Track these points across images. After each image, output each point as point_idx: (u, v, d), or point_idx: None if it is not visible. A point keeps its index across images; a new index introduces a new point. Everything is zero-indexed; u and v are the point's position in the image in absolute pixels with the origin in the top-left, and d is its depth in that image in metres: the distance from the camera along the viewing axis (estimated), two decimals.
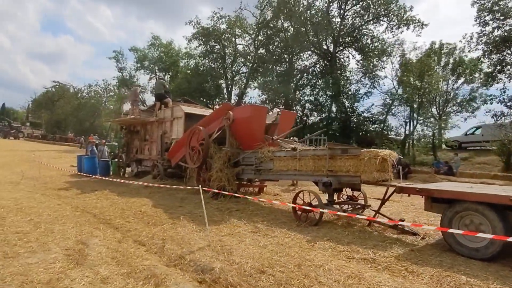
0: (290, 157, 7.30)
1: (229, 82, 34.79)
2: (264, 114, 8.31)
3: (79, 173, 14.71)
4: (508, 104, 17.78)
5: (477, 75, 30.53)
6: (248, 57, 32.99)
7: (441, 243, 5.02)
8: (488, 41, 16.93)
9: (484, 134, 20.81)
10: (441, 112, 30.38)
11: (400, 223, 5.35)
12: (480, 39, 17.50)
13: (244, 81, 34.39)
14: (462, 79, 30.69)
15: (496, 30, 16.65)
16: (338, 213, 5.58)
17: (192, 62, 40.17)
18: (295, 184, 11.40)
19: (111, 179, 11.20)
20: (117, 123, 14.92)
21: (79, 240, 5.11)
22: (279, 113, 9.34)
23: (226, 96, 34.21)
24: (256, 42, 32.99)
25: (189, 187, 8.75)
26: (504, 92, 17.85)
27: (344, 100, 26.62)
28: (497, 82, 17.72)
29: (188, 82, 31.46)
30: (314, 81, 28.60)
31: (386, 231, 5.78)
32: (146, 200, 8.40)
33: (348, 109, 26.36)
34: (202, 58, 36.08)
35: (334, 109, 27.32)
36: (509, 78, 17.11)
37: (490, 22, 16.72)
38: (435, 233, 5.60)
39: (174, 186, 8.02)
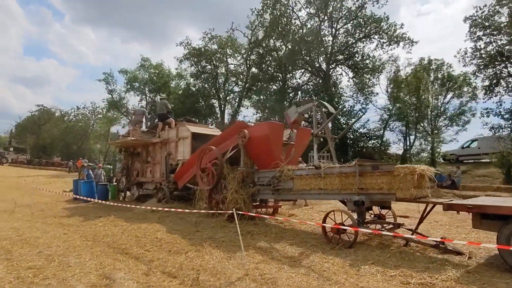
0: (313, 176, 6.99)
1: (222, 102, 34.69)
2: (281, 131, 8.04)
3: (76, 197, 14.07)
4: (505, 116, 18.04)
5: (465, 89, 31.42)
6: (241, 76, 33.06)
7: (493, 263, 4.73)
8: (483, 55, 17.29)
9: (480, 147, 21.01)
10: (433, 127, 30.86)
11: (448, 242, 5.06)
12: (474, 53, 17.85)
13: (237, 100, 34.34)
14: (451, 94, 31.51)
15: (489, 45, 17.06)
16: (384, 233, 5.25)
17: (183, 83, 40.15)
18: (307, 204, 11.04)
19: (112, 203, 10.63)
20: (116, 145, 14.39)
21: (101, 274, 4.62)
22: (292, 131, 9.08)
23: (219, 115, 34.03)
24: (248, 61, 33.21)
25: (203, 211, 8.33)
26: (501, 105, 18.15)
27: (339, 117, 26.69)
28: (495, 95, 18.01)
29: (182, 103, 31.25)
30: (309, 98, 28.66)
31: (426, 251, 5.47)
32: (158, 226, 7.90)
33: (344, 125, 26.43)
34: (194, 79, 36.04)
35: (329, 125, 27.34)
36: (506, 90, 17.43)
37: (483, 37, 17.15)
38: (480, 252, 5.33)
39: (186, 210, 7.62)
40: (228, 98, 34.90)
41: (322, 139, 8.25)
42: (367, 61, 27.89)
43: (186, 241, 6.41)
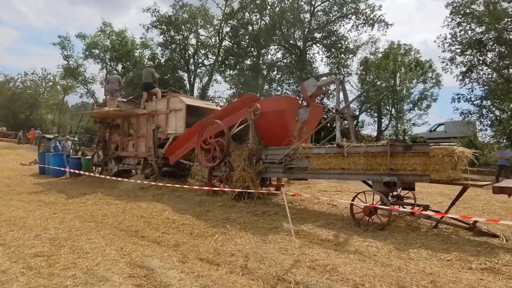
0: (333, 155, 6.67)
1: (191, 75, 33.22)
2: (297, 107, 7.57)
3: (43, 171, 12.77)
4: (475, 102, 18.94)
5: (430, 74, 32.82)
6: (212, 49, 31.72)
7: None
8: (463, 41, 17.79)
9: (447, 131, 22.04)
10: (397, 110, 32.06)
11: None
12: (453, 39, 18.33)
13: (208, 73, 33.06)
14: (416, 79, 32.76)
15: (469, 32, 17.58)
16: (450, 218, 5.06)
17: (148, 53, 37.82)
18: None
19: (90, 177, 9.64)
20: (92, 115, 13.05)
21: (131, 262, 3.99)
22: (301, 106, 8.63)
23: (188, 88, 32.61)
24: (220, 34, 31.85)
25: (205, 188, 7.78)
26: (472, 91, 18.99)
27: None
28: (471, 82, 18.76)
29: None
30: (284, 76, 28.26)
31: (459, 233, 5.40)
32: (160, 205, 7.23)
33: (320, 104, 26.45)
34: (162, 48, 34.04)
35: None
36: (477, 78, 18.23)
37: (464, 24, 17.61)
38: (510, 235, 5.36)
39: (185, 186, 7.13)
40: (198, 71, 33.49)
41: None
42: (344, 42, 27.85)
43: (203, 222, 5.86)
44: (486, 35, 16.87)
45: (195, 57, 33.29)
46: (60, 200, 7.95)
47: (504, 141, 17.37)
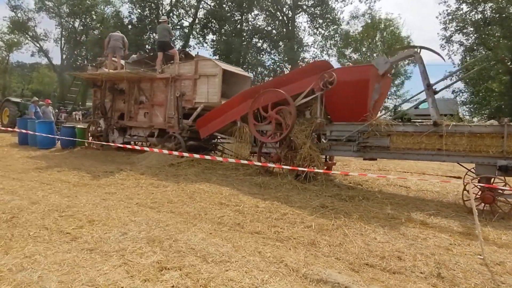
0: (425, 134, 5.99)
1: None
2: (376, 78, 6.68)
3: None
4: (468, 81, 19.31)
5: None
6: (192, 10, 29.21)
7: None
8: (466, 18, 17.75)
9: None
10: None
11: None
12: (455, 16, 18.22)
13: (185, 37, 30.58)
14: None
15: (472, 12, 17.57)
16: None
17: (110, 10, 34.09)
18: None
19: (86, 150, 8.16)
20: (92, 77, 11.02)
21: (304, 276, 3.04)
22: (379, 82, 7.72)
23: None
24: None
25: (256, 164, 6.81)
26: (467, 70, 19.27)
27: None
28: (466, 61, 18.94)
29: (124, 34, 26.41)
30: (270, 45, 26.90)
31: None
32: (223, 188, 6.12)
33: None
34: (130, 6, 30.76)
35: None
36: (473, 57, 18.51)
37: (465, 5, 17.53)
38: None
39: (243, 161, 6.66)
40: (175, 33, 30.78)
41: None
42: (334, 13, 27.01)
43: (301, 211, 4.95)
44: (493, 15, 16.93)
45: (170, 17, 30.48)
46: (86, 180, 6.53)
47: None
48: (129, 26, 28.82)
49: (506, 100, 18.42)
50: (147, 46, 28.26)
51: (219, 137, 9.84)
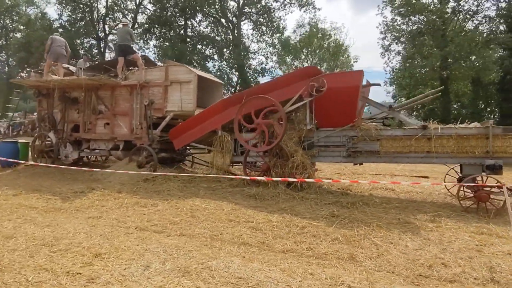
0: (413, 137, 6.21)
1: (101, 42, 28.49)
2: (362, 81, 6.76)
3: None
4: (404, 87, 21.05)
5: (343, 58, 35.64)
6: (130, 14, 27.67)
7: None
8: (400, 29, 19.31)
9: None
10: None
11: None
12: (392, 27, 19.75)
13: None
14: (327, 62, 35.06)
15: (407, 24, 19.21)
16: None
17: (34, 11, 30.95)
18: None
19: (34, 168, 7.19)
20: (47, 85, 9.48)
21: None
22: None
23: (98, 58, 27.95)
24: None
25: (239, 177, 6.50)
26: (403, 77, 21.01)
27: (248, 72, 25.89)
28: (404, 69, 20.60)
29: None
30: (216, 52, 26.51)
31: None
32: (211, 202, 5.69)
33: (253, 83, 25.81)
34: (59, 7, 28.16)
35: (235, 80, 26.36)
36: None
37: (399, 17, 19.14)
38: None
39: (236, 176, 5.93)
40: (110, 38, 28.82)
41: None
42: (272, 21, 27.53)
43: (317, 222, 4.74)
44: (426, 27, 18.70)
45: (106, 21, 28.58)
46: (56, 203, 5.61)
47: None
48: (60, 30, 26.30)
49: (437, 104, 20.39)
50: (81, 51, 26.03)
51: (188, 147, 9.35)
